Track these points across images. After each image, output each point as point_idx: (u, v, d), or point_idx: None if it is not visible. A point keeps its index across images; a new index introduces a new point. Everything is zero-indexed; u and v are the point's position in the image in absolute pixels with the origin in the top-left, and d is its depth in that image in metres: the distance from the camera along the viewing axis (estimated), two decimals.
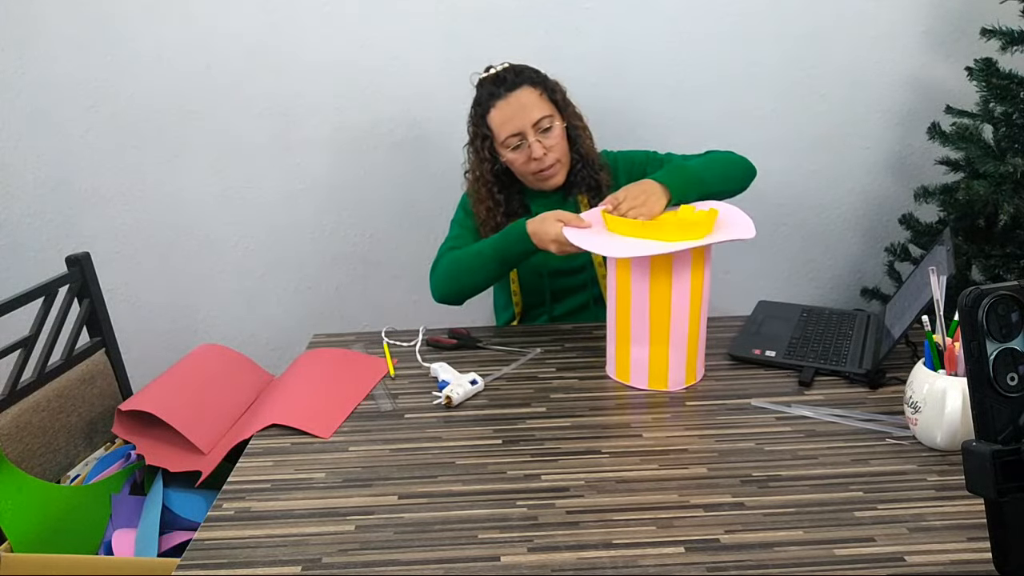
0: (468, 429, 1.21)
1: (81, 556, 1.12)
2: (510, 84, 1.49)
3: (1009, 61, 1.69)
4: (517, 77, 1.50)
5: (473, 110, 1.55)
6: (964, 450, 0.74)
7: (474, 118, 1.55)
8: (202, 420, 1.33)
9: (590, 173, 1.57)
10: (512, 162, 1.52)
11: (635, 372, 1.31)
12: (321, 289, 2.17)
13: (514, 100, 1.49)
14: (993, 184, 1.64)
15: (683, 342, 1.28)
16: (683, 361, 1.29)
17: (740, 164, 1.54)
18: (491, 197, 1.56)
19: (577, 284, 1.62)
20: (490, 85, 1.51)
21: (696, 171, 1.45)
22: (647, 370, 1.30)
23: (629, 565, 0.89)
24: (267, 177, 2.05)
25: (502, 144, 1.51)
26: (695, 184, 1.42)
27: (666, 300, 1.24)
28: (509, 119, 1.49)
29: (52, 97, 1.96)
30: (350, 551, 0.93)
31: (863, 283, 2.15)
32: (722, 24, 1.94)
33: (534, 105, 1.49)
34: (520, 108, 1.48)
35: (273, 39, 1.93)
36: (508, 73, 1.51)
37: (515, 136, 1.49)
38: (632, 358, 1.30)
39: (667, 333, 1.26)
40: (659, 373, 1.29)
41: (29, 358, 1.33)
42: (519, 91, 1.49)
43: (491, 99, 1.50)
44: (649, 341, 1.28)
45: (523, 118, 1.48)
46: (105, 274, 1.62)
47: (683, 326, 1.27)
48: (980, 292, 0.72)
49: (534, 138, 1.48)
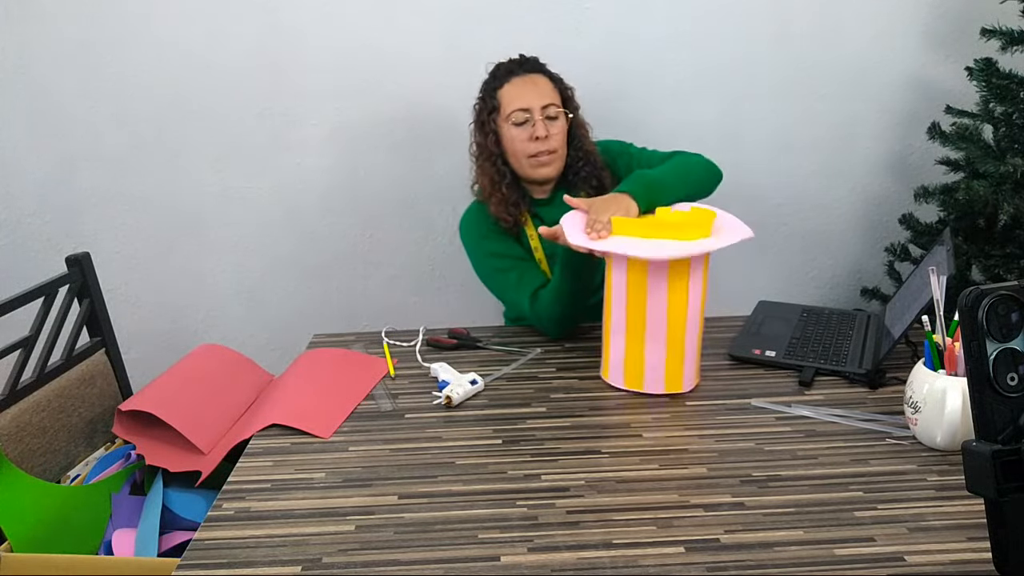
0: (468, 429, 1.21)
1: (81, 556, 1.12)
2: (530, 67, 1.56)
3: (1009, 61, 1.69)
4: (538, 64, 1.57)
5: (485, 85, 1.58)
6: (964, 450, 0.74)
7: (485, 91, 1.57)
8: (202, 420, 1.33)
9: (592, 171, 1.57)
10: (512, 139, 1.52)
11: (632, 374, 1.30)
12: (321, 289, 2.17)
13: (530, 80, 1.54)
14: (993, 184, 1.64)
15: (682, 342, 1.28)
16: (681, 362, 1.29)
17: (705, 168, 1.52)
18: (495, 169, 1.55)
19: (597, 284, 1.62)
20: (509, 64, 1.57)
21: (658, 179, 1.44)
22: (644, 371, 1.30)
23: (629, 565, 0.89)
24: (267, 177, 2.05)
25: (506, 118, 1.52)
26: (660, 191, 1.41)
27: (665, 301, 1.24)
28: (521, 94, 1.52)
29: (52, 97, 1.96)
30: (350, 551, 0.93)
31: (863, 283, 2.15)
32: (722, 24, 1.94)
33: (547, 91, 1.53)
34: (534, 87, 1.53)
35: (273, 39, 1.93)
36: (530, 60, 1.57)
37: (522, 111, 1.51)
38: (627, 360, 1.30)
39: (665, 334, 1.26)
40: (657, 374, 1.29)
41: (29, 358, 1.33)
42: (536, 75, 1.55)
43: (508, 75, 1.54)
44: (647, 342, 1.27)
45: (535, 97, 1.51)
46: (105, 274, 1.61)
47: (682, 326, 1.27)
48: (980, 292, 0.72)
49: (540, 117, 1.50)
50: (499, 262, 1.55)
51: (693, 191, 1.48)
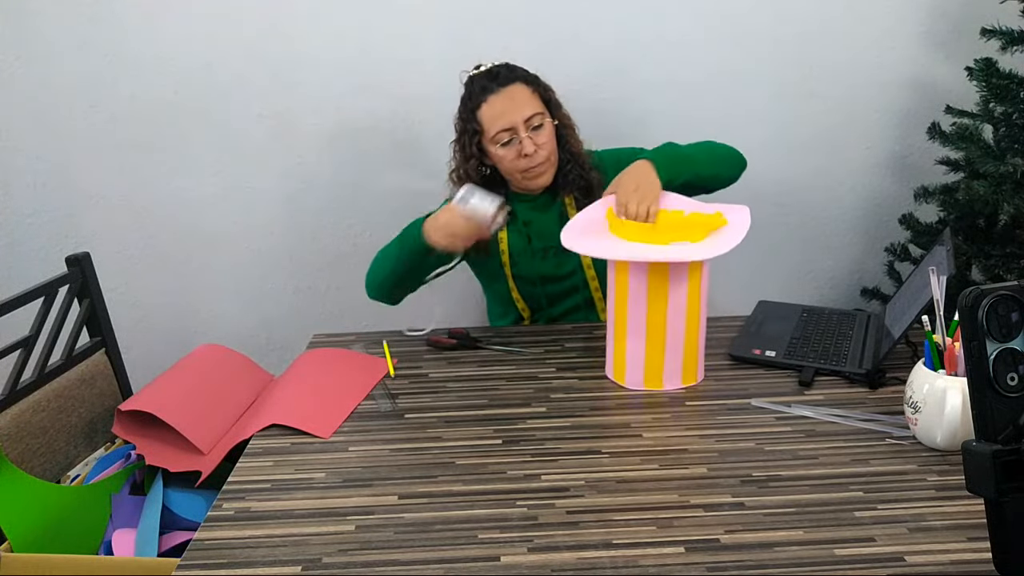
0: (468, 429, 1.21)
1: (81, 556, 1.12)
2: (503, 79, 1.48)
3: (1009, 61, 1.69)
4: (511, 73, 1.49)
5: (462, 105, 1.53)
6: (964, 450, 0.74)
7: (463, 113, 1.52)
8: (202, 420, 1.33)
9: (581, 173, 1.55)
10: (501, 159, 1.49)
11: (633, 373, 1.31)
12: (322, 289, 2.17)
13: (506, 95, 1.47)
14: (993, 184, 1.64)
15: (681, 343, 1.28)
16: (681, 362, 1.29)
17: (730, 152, 1.54)
18: None
19: (568, 288, 1.61)
20: (482, 80, 1.49)
21: (684, 152, 1.45)
22: (643, 371, 1.30)
23: (629, 565, 0.89)
24: (267, 177, 2.05)
25: (491, 140, 1.48)
26: (682, 163, 1.42)
27: (664, 301, 1.25)
28: (501, 114, 1.46)
29: (52, 97, 1.96)
30: (350, 551, 0.93)
31: (863, 283, 2.15)
32: (722, 24, 1.94)
33: (526, 102, 1.48)
34: (513, 103, 1.47)
35: (273, 39, 1.93)
36: (501, 69, 1.50)
37: (506, 131, 1.46)
38: (631, 359, 1.30)
39: (665, 334, 1.27)
40: (656, 374, 1.29)
41: (29, 358, 1.33)
42: (512, 87, 1.48)
43: (483, 93, 1.48)
44: (646, 342, 1.28)
45: (515, 113, 1.46)
46: (105, 274, 1.61)
47: (682, 326, 1.27)
48: (980, 292, 0.72)
49: (525, 134, 1.46)
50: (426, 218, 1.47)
51: (717, 171, 1.48)
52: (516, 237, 1.58)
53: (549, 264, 1.58)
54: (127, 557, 1.16)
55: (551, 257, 1.57)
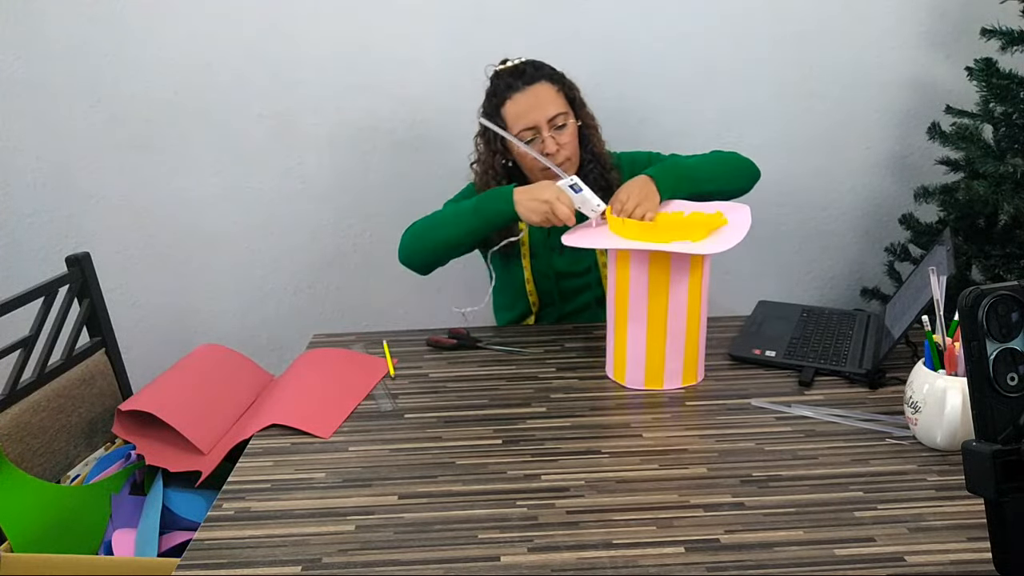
0: (468, 429, 1.21)
1: (81, 556, 1.12)
2: (528, 78, 1.48)
3: (1009, 61, 1.69)
4: (536, 72, 1.49)
5: (487, 101, 1.53)
6: (964, 450, 0.74)
7: (487, 108, 1.53)
8: (202, 420, 1.33)
9: (602, 173, 1.55)
10: (524, 155, 1.50)
11: (633, 373, 1.31)
12: (321, 289, 2.17)
13: (531, 94, 1.47)
14: (993, 184, 1.64)
15: (681, 342, 1.28)
16: (681, 362, 1.29)
17: (741, 164, 1.53)
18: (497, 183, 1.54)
19: (582, 285, 1.62)
20: (508, 77, 1.49)
21: (688, 168, 1.45)
22: (643, 370, 1.30)
23: (629, 565, 0.89)
24: (267, 177, 2.05)
25: (515, 136, 1.48)
26: (685, 181, 1.42)
27: (665, 299, 1.25)
28: (525, 112, 1.47)
29: (52, 97, 1.96)
30: (350, 551, 0.93)
31: (863, 283, 2.15)
32: (722, 24, 1.94)
33: (551, 101, 1.48)
34: (537, 102, 1.47)
35: (273, 39, 1.93)
36: (527, 66, 1.50)
37: (529, 130, 1.47)
38: (631, 358, 1.30)
39: (665, 333, 1.27)
40: (656, 374, 1.29)
41: (29, 358, 1.33)
42: (537, 85, 1.48)
43: (508, 91, 1.48)
44: (647, 341, 1.28)
45: (539, 113, 1.46)
46: (105, 274, 1.61)
47: (683, 326, 1.27)
48: (980, 292, 0.72)
49: (548, 134, 1.47)
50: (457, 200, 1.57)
51: (724, 186, 1.47)
52: (536, 229, 1.58)
53: (565, 259, 1.59)
54: (127, 557, 1.16)
55: (568, 253, 1.58)
